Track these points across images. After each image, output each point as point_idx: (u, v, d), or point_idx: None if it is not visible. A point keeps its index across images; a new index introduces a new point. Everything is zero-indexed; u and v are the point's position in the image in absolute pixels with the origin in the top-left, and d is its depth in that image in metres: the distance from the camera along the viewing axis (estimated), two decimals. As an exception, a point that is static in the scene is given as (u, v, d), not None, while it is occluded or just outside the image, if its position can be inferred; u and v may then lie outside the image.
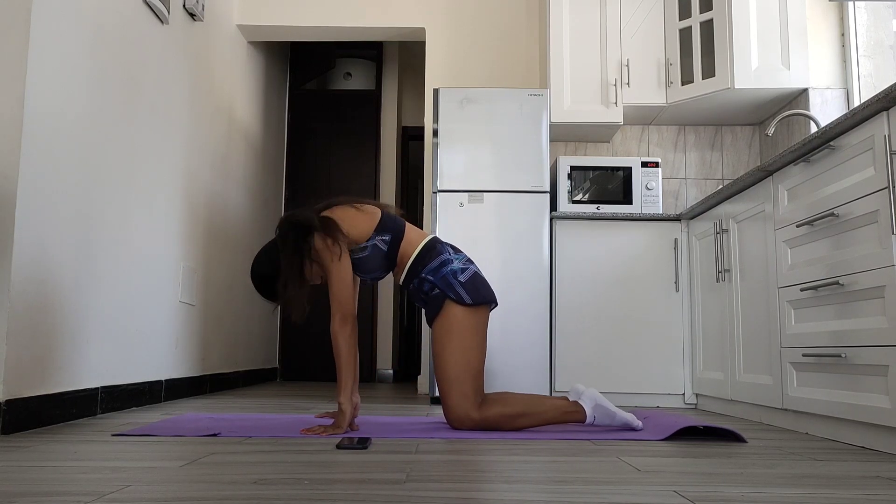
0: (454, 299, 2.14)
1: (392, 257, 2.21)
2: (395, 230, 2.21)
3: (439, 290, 2.17)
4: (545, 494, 1.24)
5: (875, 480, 1.43)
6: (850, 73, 3.35)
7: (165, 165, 3.00)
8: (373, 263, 2.20)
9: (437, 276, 2.17)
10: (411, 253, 2.21)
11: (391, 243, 2.20)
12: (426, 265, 2.19)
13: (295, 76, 5.36)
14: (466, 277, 2.18)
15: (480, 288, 2.19)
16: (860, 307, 1.93)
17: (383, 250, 2.19)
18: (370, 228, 2.18)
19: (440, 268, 2.18)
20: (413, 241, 2.23)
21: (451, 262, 2.20)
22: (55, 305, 2.15)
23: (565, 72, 3.63)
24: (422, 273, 2.19)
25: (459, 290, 2.15)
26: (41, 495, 1.17)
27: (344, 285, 2.11)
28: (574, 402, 2.17)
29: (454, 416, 2.10)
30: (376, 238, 2.18)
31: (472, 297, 2.15)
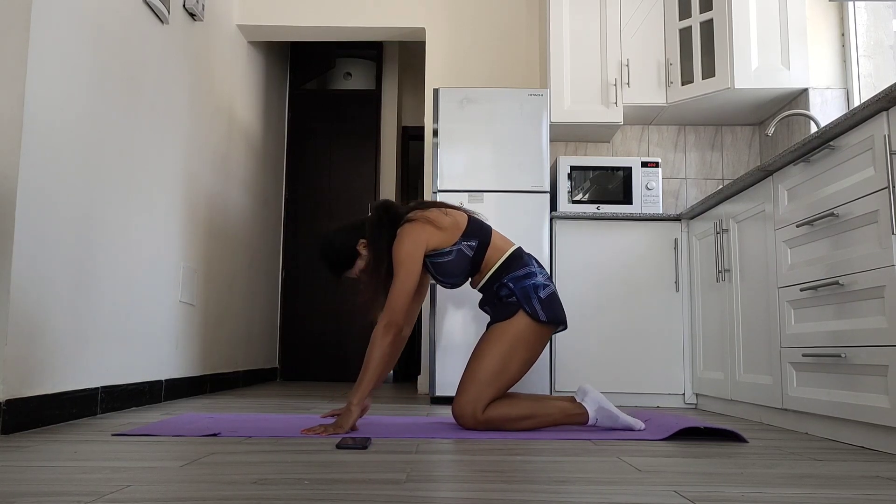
0: (528, 312, 2.14)
1: (477, 263, 2.22)
2: (482, 236, 2.22)
3: (516, 299, 2.17)
4: (545, 494, 1.24)
5: (875, 480, 1.43)
6: (850, 73, 3.35)
7: (165, 165, 3.00)
8: (457, 268, 2.21)
9: (517, 285, 2.18)
10: (497, 259, 2.22)
11: (478, 249, 2.21)
12: (511, 272, 2.20)
13: (295, 76, 5.36)
14: (546, 294, 2.18)
15: (556, 308, 2.19)
16: (860, 307, 1.93)
17: (469, 256, 2.20)
18: (457, 233, 2.19)
19: (524, 279, 2.18)
20: (500, 248, 2.24)
21: (535, 276, 2.20)
22: (55, 305, 2.15)
23: (565, 72, 3.63)
24: (504, 279, 2.20)
25: (536, 304, 2.15)
26: (41, 495, 1.17)
27: (404, 292, 2.09)
28: (578, 405, 2.18)
29: (461, 412, 2.10)
30: (462, 243, 2.19)
31: (547, 315, 2.15)
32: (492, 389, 2.11)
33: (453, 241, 2.19)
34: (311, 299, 5.14)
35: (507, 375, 2.13)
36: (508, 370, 2.13)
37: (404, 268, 2.10)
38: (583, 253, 3.28)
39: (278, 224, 5.12)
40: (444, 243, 2.18)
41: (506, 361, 2.13)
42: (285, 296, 5.14)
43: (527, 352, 2.16)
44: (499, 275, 2.22)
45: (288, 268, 5.16)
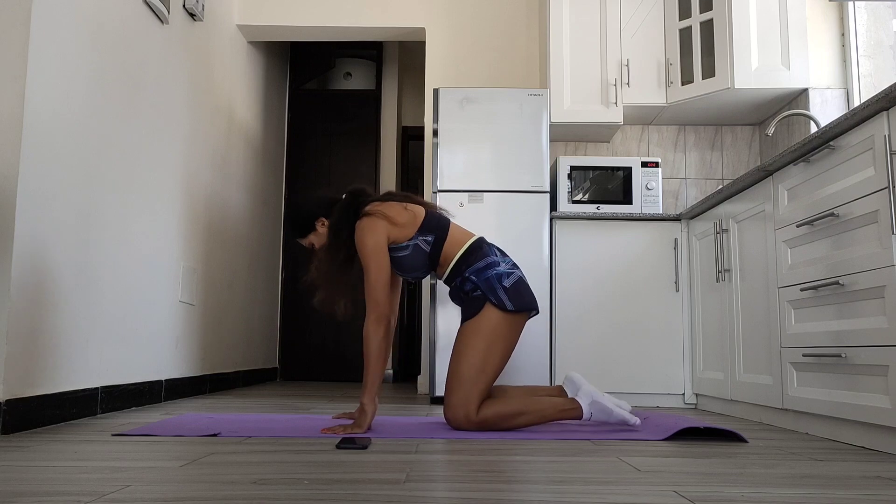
0: (495, 304, 2.13)
1: (434, 257, 2.21)
2: (438, 230, 2.21)
3: (481, 293, 2.16)
4: (545, 494, 1.24)
5: (875, 480, 1.43)
6: (850, 73, 3.35)
7: (165, 165, 3.00)
8: (414, 263, 2.20)
9: (480, 277, 2.16)
10: (455, 253, 2.21)
11: (434, 243, 2.20)
12: (471, 265, 2.19)
13: (295, 76, 5.36)
14: (511, 282, 2.16)
15: (524, 294, 2.17)
16: (860, 307, 1.93)
17: (425, 251, 2.20)
18: (413, 228, 2.19)
19: (485, 269, 2.17)
20: (458, 240, 2.23)
21: (497, 265, 2.18)
22: (55, 305, 2.14)
23: (565, 72, 3.63)
24: (465, 272, 2.18)
25: (502, 294, 2.14)
26: (41, 495, 1.17)
27: (380, 283, 2.11)
28: (571, 400, 2.18)
29: (453, 415, 2.10)
30: (419, 238, 2.19)
31: (514, 304, 2.14)
32: (478, 388, 2.10)
33: (409, 235, 2.18)
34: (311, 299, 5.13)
35: (490, 371, 2.13)
36: (489, 365, 2.12)
37: (374, 261, 2.11)
38: (583, 253, 3.28)
39: (278, 224, 5.12)
40: (399, 238, 2.17)
41: (485, 357, 2.12)
42: (285, 296, 5.14)
43: (503, 343, 2.15)
44: (459, 268, 2.20)
45: (288, 268, 5.16)
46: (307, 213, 2.26)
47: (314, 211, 2.26)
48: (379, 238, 2.13)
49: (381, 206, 2.19)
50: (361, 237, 2.14)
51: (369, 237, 2.13)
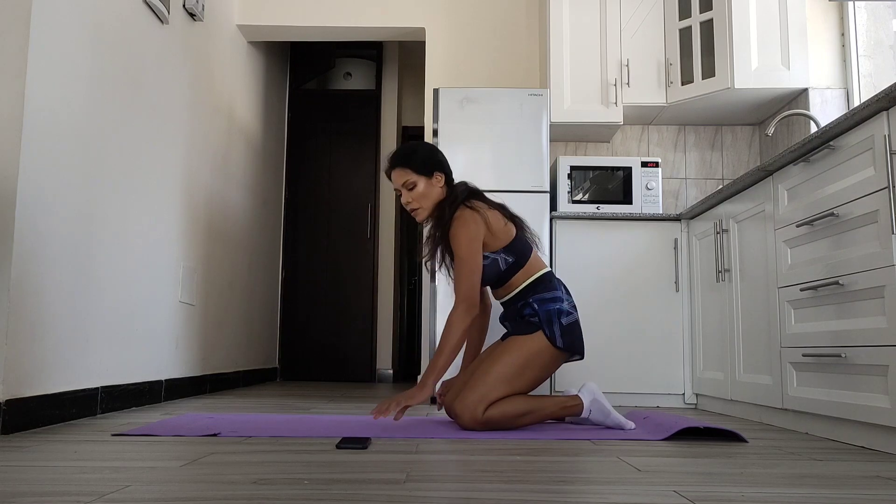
0: (548, 336, 2.15)
1: (505, 278, 2.23)
2: (521, 255, 2.23)
3: (538, 320, 2.17)
4: (545, 494, 1.24)
5: (875, 480, 1.43)
6: (850, 73, 3.35)
7: (165, 165, 3.00)
8: (485, 276, 2.22)
9: (542, 307, 2.18)
10: (524, 281, 2.23)
11: (511, 265, 2.22)
12: (537, 293, 2.21)
13: (295, 76, 5.36)
14: (568, 322, 2.18)
15: (576, 337, 2.20)
16: (860, 307, 1.93)
17: (501, 268, 2.21)
18: (502, 244, 2.21)
19: (549, 302, 2.19)
20: (531, 270, 2.24)
21: (561, 301, 2.20)
22: (55, 305, 2.14)
23: (565, 72, 3.63)
24: (530, 299, 2.20)
25: (557, 329, 2.16)
26: (41, 495, 1.17)
27: (471, 283, 2.12)
28: (573, 396, 2.22)
29: (462, 410, 2.09)
30: (501, 254, 2.20)
31: (565, 343, 2.16)
32: (498, 393, 2.11)
33: (495, 248, 2.20)
34: (311, 299, 5.14)
35: (516, 386, 2.14)
36: (518, 381, 2.14)
37: (467, 265, 2.13)
38: (583, 253, 3.28)
39: (278, 224, 5.12)
40: (487, 246, 2.19)
41: (518, 372, 2.13)
42: (285, 296, 5.14)
43: (539, 370, 2.17)
44: (524, 294, 2.23)
45: (288, 268, 5.16)
46: (437, 160, 2.26)
47: (443, 162, 2.27)
48: (478, 233, 2.15)
49: (486, 210, 2.21)
50: (461, 226, 2.14)
51: (471, 229, 2.14)
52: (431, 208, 2.26)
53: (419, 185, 2.24)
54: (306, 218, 5.22)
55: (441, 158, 2.29)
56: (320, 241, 5.21)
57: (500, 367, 2.13)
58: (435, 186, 2.25)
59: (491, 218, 2.19)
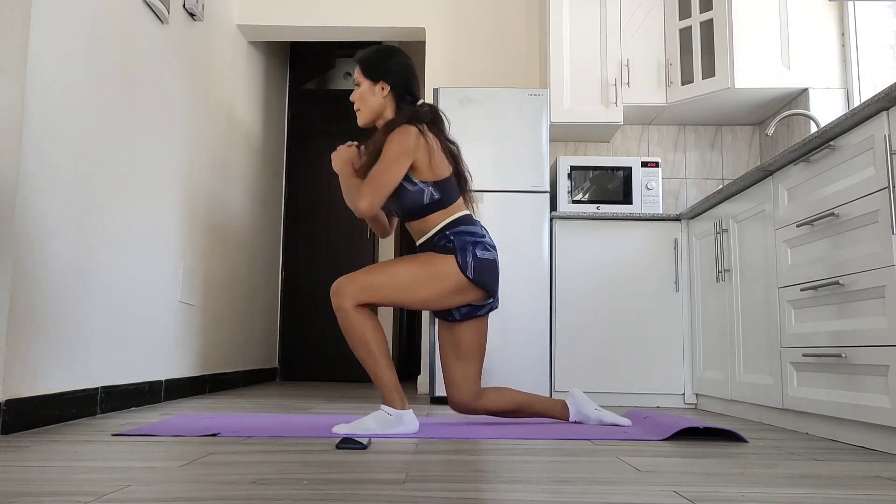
0: (459, 263, 2.06)
1: (422, 211, 2.13)
2: (447, 195, 2.14)
3: (451, 247, 2.09)
4: (545, 494, 1.24)
5: (875, 480, 1.43)
6: (850, 73, 3.35)
7: (165, 165, 3.00)
8: (409, 202, 2.12)
9: (458, 238, 2.10)
10: (442, 220, 2.13)
11: (435, 202, 2.12)
12: (455, 227, 2.12)
13: (295, 76, 5.36)
14: (484, 256, 2.10)
15: (489, 274, 2.10)
16: (860, 307, 1.93)
17: (422, 200, 2.11)
18: (434, 177, 2.12)
19: (466, 234, 2.11)
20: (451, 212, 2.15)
21: (480, 236, 2.13)
22: (55, 305, 2.14)
23: (565, 72, 3.63)
24: (447, 231, 2.12)
25: (470, 259, 2.07)
26: (41, 495, 1.17)
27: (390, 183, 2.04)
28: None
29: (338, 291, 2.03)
30: (430, 187, 2.11)
31: (475, 275, 2.07)
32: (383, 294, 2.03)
33: (425, 178, 2.11)
34: (311, 299, 5.14)
35: (406, 295, 2.05)
36: (411, 292, 2.05)
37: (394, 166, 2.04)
38: (583, 253, 3.28)
39: (278, 224, 5.12)
40: (418, 173, 2.10)
41: (416, 282, 2.05)
42: (285, 296, 5.14)
43: (437, 292, 2.07)
44: (443, 231, 2.13)
45: (288, 268, 5.16)
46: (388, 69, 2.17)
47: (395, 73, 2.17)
48: (412, 150, 2.06)
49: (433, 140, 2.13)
50: (398, 135, 2.06)
51: (408, 142, 2.05)
52: (369, 115, 2.19)
53: (362, 86, 2.19)
54: (306, 218, 5.22)
55: (396, 69, 2.18)
56: (320, 240, 5.21)
57: (398, 269, 2.05)
58: (376, 95, 2.17)
59: (434, 147, 2.12)
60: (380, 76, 2.18)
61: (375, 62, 2.19)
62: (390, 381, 2.05)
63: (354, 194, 2.07)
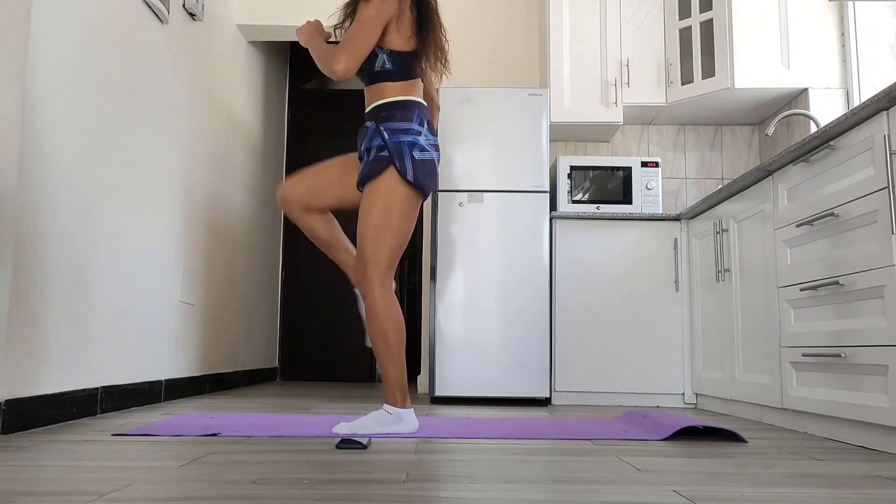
0: (398, 169, 2.05)
1: (372, 77, 2.13)
2: (404, 70, 2.13)
3: (387, 154, 2.07)
4: (545, 494, 1.24)
5: (874, 480, 1.43)
6: (850, 73, 3.35)
7: (165, 165, 3.00)
8: (366, 61, 2.12)
9: (392, 138, 2.08)
10: (390, 95, 2.12)
11: (384, 72, 2.11)
12: (391, 119, 2.10)
13: (295, 76, 5.36)
14: (422, 157, 2.09)
15: (427, 176, 2.10)
16: (860, 307, 1.93)
17: (373, 66, 2.11)
18: (394, 45, 2.10)
19: (400, 133, 2.08)
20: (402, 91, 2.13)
21: (415, 134, 2.10)
22: (55, 305, 2.15)
23: (565, 72, 3.63)
24: (381, 125, 2.10)
25: (408, 163, 2.06)
26: (41, 495, 1.17)
27: (366, 43, 2.02)
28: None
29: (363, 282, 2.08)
30: (386, 53, 2.10)
31: (415, 179, 2.07)
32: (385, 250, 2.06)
33: (384, 44, 2.10)
34: (311, 299, 5.14)
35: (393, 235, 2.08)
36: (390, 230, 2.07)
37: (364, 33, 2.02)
38: (583, 253, 3.28)
39: (278, 224, 5.12)
40: (384, 41, 2.09)
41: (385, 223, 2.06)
42: (285, 296, 5.14)
43: (400, 215, 2.09)
44: (379, 112, 2.12)
45: (288, 268, 5.16)
46: None
47: None
48: (384, 15, 2.03)
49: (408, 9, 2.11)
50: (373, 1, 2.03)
51: (378, 7, 2.03)
52: None
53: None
54: (306, 218, 5.21)
55: None
56: (320, 240, 5.20)
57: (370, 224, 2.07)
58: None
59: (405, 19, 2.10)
60: None
61: None
62: (397, 379, 2.08)
63: (330, 58, 2.03)
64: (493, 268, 3.23)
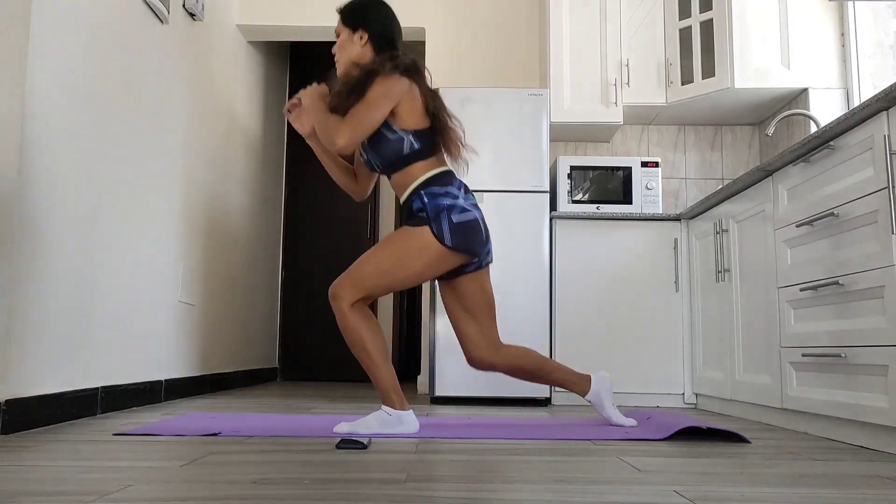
0: (434, 233, 2.01)
1: (402, 162, 2.09)
2: (427, 146, 2.11)
3: (425, 216, 2.04)
4: (545, 494, 1.24)
5: (874, 480, 1.43)
6: (850, 73, 3.35)
7: (165, 165, 3.00)
8: (388, 151, 2.08)
9: (431, 201, 2.05)
10: (423, 173, 2.09)
11: (414, 153, 2.08)
12: (429, 187, 2.08)
13: (295, 76, 5.35)
14: (460, 220, 2.04)
15: (470, 236, 2.05)
16: (860, 307, 1.93)
17: (402, 150, 2.07)
18: (415, 125, 2.08)
19: (440, 197, 2.05)
20: (432, 166, 2.12)
21: (453, 197, 2.07)
22: (55, 305, 2.15)
23: (565, 72, 3.63)
24: (421, 191, 2.08)
25: (445, 226, 2.02)
26: (41, 495, 1.17)
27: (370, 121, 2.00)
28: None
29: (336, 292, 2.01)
30: (410, 135, 2.07)
31: (454, 241, 2.02)
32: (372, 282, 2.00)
33: (405, 127, 2.07)
34: (311, 299, 5.14)
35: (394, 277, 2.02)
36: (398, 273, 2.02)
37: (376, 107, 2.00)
38: (583, 253, 3.28)
39: (278, 224, 5.12)
40: (400, 122, 2.07)
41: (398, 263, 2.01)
42: (285, 296, 5.14)
43: (423, 266, 2.03)
44: (419, 189, 2.09)
45: (288, 268, 5.16)
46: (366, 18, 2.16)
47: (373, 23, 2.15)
48: (397, 93, 2.03)
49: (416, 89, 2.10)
50: (384, 78, 2.03)
51: (393, 84, 2.02)
52: (346, 63, 2.16)
53: (342, 35, 2.18)
54: (306, 217, 5.22)
55: (376, 18, 2.16)
56: (320, 241, 5.21)
57: (380, 254, 2.03)
58: (355, 43, 2.15)
59: (416, 96, 2.09)
60: (358, 24, 2.16)
61: (354, 10, 2.18)
62: (388, 383, 2.05)
63: (333, 130, 2.00)
64: (493, 267, 3.22)
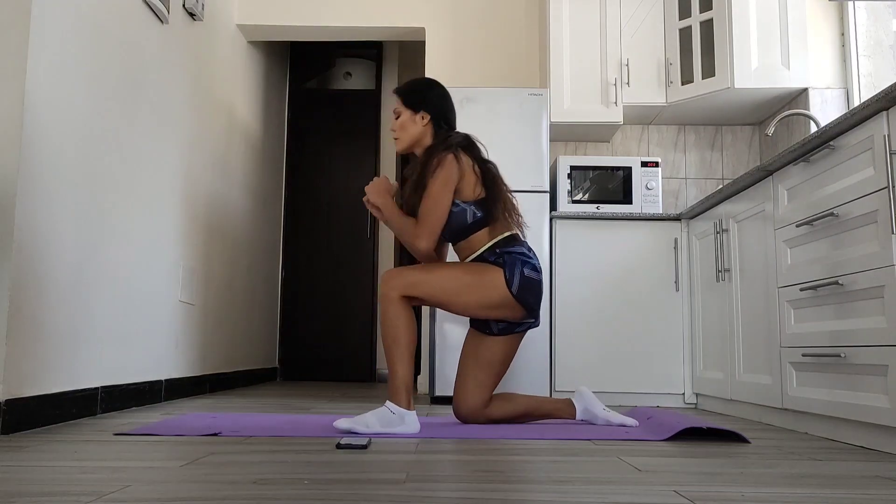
0: (506, 277, 2.13)
1: (467, 231, 2.21)
2: (489, 214, 2.21)
3: (501, 262, 2.15)
4: (545, 494, 1.24)
5: (875, 480, 1.43)
6: (850, 73, 3.35)
7: (165, 165, 3.00)
8: (453, 222, 2.20)
9: (508, 256, 2.16)
10: (488, 240, 2.21)
11: (479, 220, 2.20)
12: (504, 247, 2.19)
13: (295, 75, 5.36)
14: (531, 275, 2.16)
15: (533, 293, 2.17)
16: (860, 307, 1.93)
17: (465, 219, 2.19)
18: (474, 196, 2.20)
19: (515, 254, 2.17)
20: (496, 232, 2.22)
21: (527, 257, 2.19)
22: (55, 305, 2.14)
23: (565, 71, 3.63)
24: (496, 248, 2.19)
25: (517, 275, 2.13)
26: (41, 495, 1.17)
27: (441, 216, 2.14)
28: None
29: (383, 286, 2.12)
30: (472, 206, 2.19)
31: (519, 292, 2.13)
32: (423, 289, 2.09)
33: (466, 198, 2.19)
34: (311, 299, 5.14)
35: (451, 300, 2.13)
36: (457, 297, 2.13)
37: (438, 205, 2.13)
38: (583, 253, 3.28)
39: (278, 223, 5.12)
40: (460, 195, 2.19)
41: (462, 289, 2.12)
42: (285, 296, 5.14)
43: (481, 298, 2.13)
44: (493, 249, 2.20)
45: (288, 268, 5.16)
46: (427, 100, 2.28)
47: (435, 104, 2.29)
48: (451, 178, 2.15)
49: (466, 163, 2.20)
50: (440, 167, 2.14)
51: (448, 171, 2.14)
52: (408, 142, 2.29)
53: (403, 116, 2.29)
54: (306, 218, 5.22)
55: (435, 100, 2.29)
56: (320, 241, 5.21)
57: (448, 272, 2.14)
58: (417, 124, 2.28)
59: (468, 169, 2.19)
60: (420, 106, 2.28)
61: (416, 93, 2.30)
62: (405, 379, 2.08)
63: (410, 236, 2.15)
64: (493, 268, 3.23)
